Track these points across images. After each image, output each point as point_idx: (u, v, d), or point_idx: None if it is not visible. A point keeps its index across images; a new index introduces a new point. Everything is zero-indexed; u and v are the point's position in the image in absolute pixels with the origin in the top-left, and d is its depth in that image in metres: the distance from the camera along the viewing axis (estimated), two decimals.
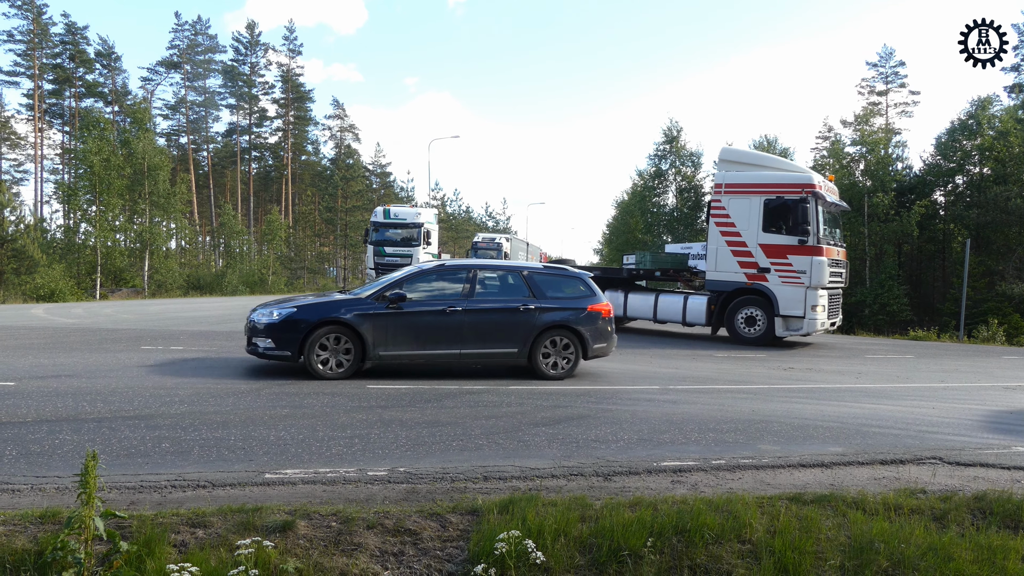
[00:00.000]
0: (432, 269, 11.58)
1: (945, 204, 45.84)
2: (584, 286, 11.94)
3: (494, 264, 12.18)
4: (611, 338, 12.10)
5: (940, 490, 6.24)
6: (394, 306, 10.72)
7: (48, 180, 64.31)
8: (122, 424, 7.48)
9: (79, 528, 4.07)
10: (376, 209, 38.56)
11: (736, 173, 18.97)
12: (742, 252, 18.49)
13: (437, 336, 10.90)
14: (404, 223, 36.57)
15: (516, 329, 11.21)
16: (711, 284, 19.13)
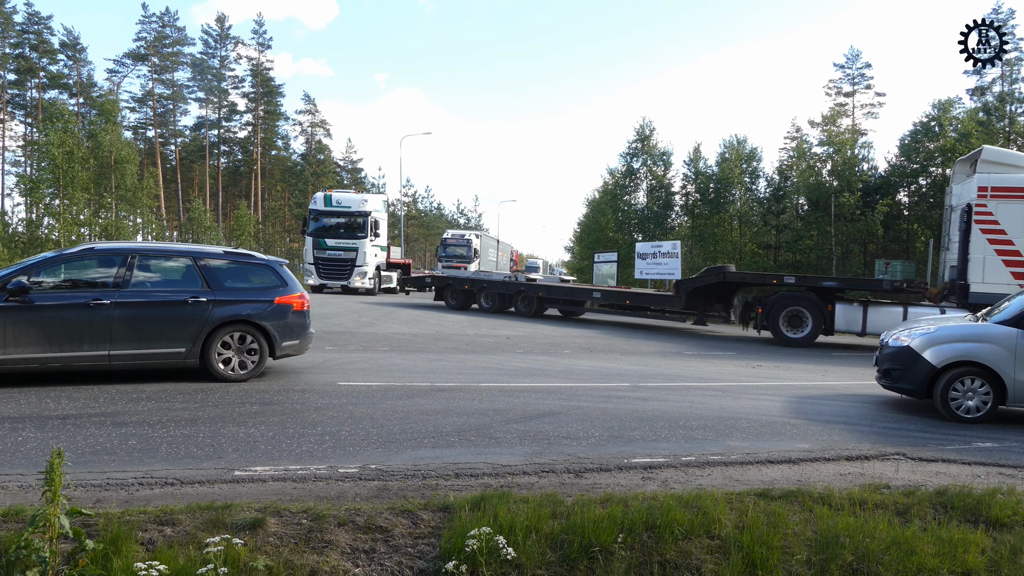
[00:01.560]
0: (76, 253, 9.59)
1: (909, 204, 46.64)
2: (274, 275, 10.49)
3: (159, 248, 10.13)
4: (306, 334, 10.74)
5: (903, 485, 6.37)
6: (16, 298, 8.72)
7: (10, 172, 62.94)
8: (87, 421, 7.36)
9: (44, 526, 4.00)
10: (315, 195, 34.48)
11: (1005, 175, 17.37)
12: (1016, 262, 16.99)
13: (77, 335, 9.02)
14: (348, 211, 32.56)
15: (183, 325, 9.58)
16: (977, 297, 17.04)
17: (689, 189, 50.72)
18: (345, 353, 13.34)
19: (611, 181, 53.82)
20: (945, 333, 9.61)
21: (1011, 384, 9.09)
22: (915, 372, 9.48)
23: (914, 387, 9.56)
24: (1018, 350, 9.09)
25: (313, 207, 33.22)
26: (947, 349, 9.36)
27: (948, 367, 9.30)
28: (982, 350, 9.24)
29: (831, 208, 42.08)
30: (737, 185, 47.67)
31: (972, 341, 9.40)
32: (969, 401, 9.29)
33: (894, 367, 9.80)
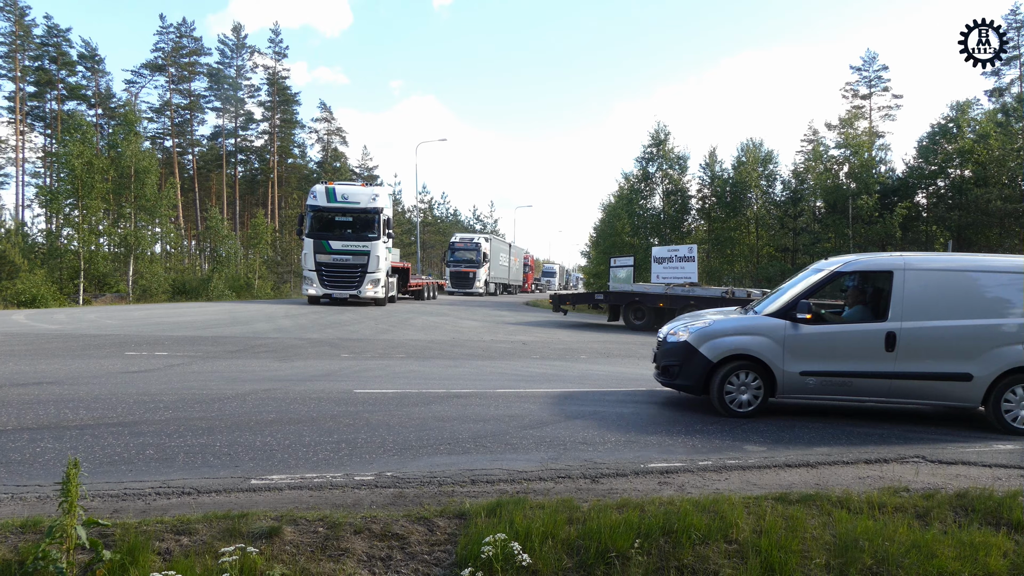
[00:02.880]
0: None
1: (927, 206, 46.20)
2: None
3: None
4: None
5: (923, 488, 6.29)
6: None
7: (30, 184, 63.78)
8: (105, 431, 7.42)
9: (61, 537, 4.03)
10: (314, 189, 28.70)
11: None
12: None
13: None
14: (356, 208, 27.75)
15: None
16: None
17: (705, 193, 50.54)
18: (361, 360, 13.37)
19: (627, 185, 53.71)
20: (720, 327, 9.45)
21: (780, 376, 9.05)
22: (692, 368, 9.27)
23: (692, 383, 9.35)
24: (787, 341, 9.06)
25: (312, 203, 27.84)
26: (722, 343, 9.22)
27: (724, 361, 9.17)
28: (754, 343, 9.16)
29: (848, 210, 41.77)
30: (754, 188, 47.42)
31: (745, 334, 9.30)
32: (742, 395, 9.19)
33: (672, 363, 9.56)
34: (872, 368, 8.95)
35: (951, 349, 8.93)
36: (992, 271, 9.20)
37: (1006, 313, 8.93)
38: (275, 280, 57.63)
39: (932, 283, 9.13)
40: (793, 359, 9.02)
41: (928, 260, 9.55)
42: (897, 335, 8.88)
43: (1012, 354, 8.82)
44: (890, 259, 9.44)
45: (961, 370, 8.85)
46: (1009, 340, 8.85)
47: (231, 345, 14.88)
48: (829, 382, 9.04)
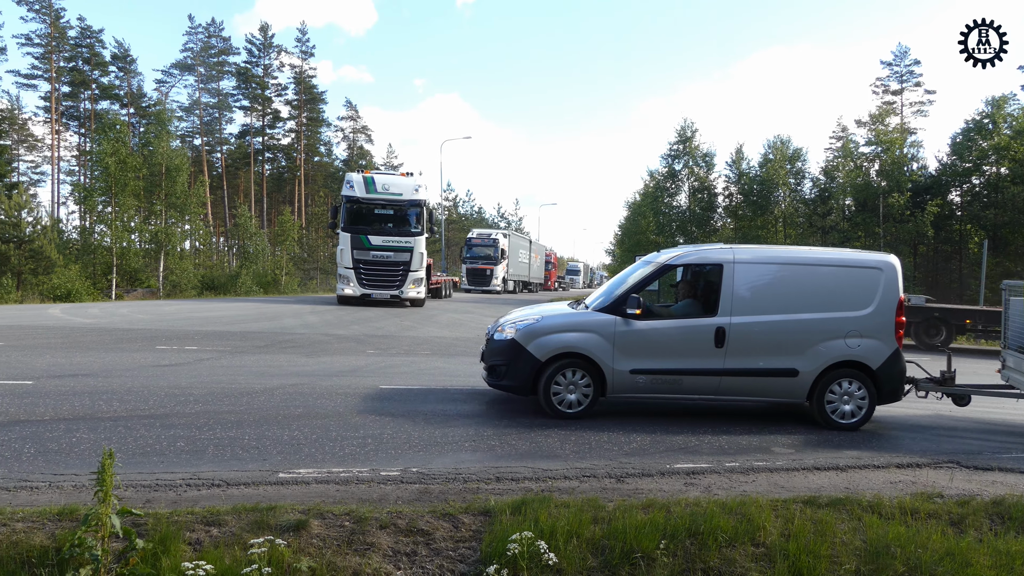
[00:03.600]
0: None
1: (961, 204, 45.47)
2: None
3: None
4: None
5: (957, 494, 6.18)
6: None
7: (64, 182, 64.91)
8: (138, 423, 7.53)
9: (96, 525, 4.10)
10: (350, 177, 25.60)
11: None
12: None
13: None
14: (398, 200, 25.05)
15: None
16: None
17: (732, 190, 50.15)
18: (387, 357, 13.45)
19: (652, 183, 53.47)
20: (548, 323, 8.87)
21: (610, 374, 8.59)
22: (520, 367, 8.66)
23: (519, 383, 8.72)
24: (617, 338, 8.61)
25: (348, 193, 24.88)
26: (550, 341, 8.66)
27: (552, 360, 8.62)
28: (583, 340, 8.64)
29: (879, 209, 41.20)
30: (781, 186, 46.96)
31: (574, 331, 8.75)
32: (570, 395, 8.66)
33: (498, 363, 8.90)
34: (702, 365, 8.65)
35: (779, 345, 8.73)
36: (819, 264, 9.05)
37: (831, 307, 8.80)
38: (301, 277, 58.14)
39: (761, 277, 8.90)
40: (623, 357, 8.59)
41: (757, 253, 9.22)
42: (727, 331, 8.62)
43: (836, 348, 8.70)
44: (720, 252, 9.08)
45: (788, 366, 8.68)
46: (833, 334, 8.73)
47: (259, 340, 15.03)
48: (659, 380, 8.65)
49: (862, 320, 8.77)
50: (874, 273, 8.95)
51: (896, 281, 8.95)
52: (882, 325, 8.79)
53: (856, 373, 8.76)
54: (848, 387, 8.78)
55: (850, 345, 8.72)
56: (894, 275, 8.97)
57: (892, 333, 8.83)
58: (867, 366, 8.73)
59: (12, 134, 60.37)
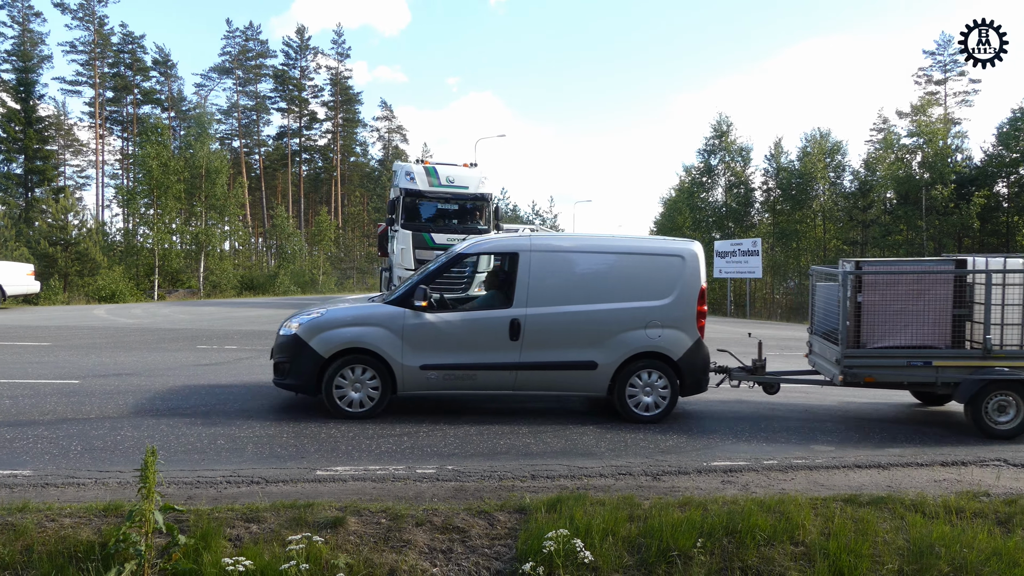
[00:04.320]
0: None
1: (1008, 195, 44.24)
2: None
3: None
4: None
5: (1005, 493, 6.03)
6: None
7: (108, 185, 66.38)
8: (180, 421, 7.69)
9: (140, 521, 4.20)
10: (409, 168, 22.74)
11: None
12: None
13: None
14: (464, 194, 22.50)
15: None
16: None
17: (770, 185, 49.47)
18: None
19: (687, 179, 52.98)
20: (333, 316, 8.33)
21: (399, 371, 8.10)
22: (303, 365, 8.09)
23: (303, 382, 8.15)
24: (405, 332, 8.12)
25: (409, 186, 21.97)
26: (335, 336, 8.11)
27: (336, 355, 8.08)
28: (370, 334, 8.13)
29: (922, 201, 40.32)
30: (821, 180, 46.19)
31: (361, 325, 8.22)
32: (354, 393, 8.13)
33: (282, 360, 8.31)
34: (497, 359, 8.23)
35: (577, 337, 8.33)
36: (618, 252, 8.68)
37: (631, 296, 8.45)
38: (338, 276, 58.73)
39: (558, 266, 8.49)
40: (412, 351, 8.12)
41: (554, 241, 8.92)
42: (522, 323, 8.22)
43: (636, 339, 8.36)
44: (516, 240, 8.72)
45: (586, 358, 8.29)
46: (633, 325, 8.37)
47: None
48: (452, 375, 8.21)
49: (663, 310, 8.43)
50: (675, 262, 8.60)
51: (698, 269, 8.61)
52: (683, 315, 8.47)
53: (658, 364, 8.42)
54: (650, 378, 8.43)
55: (651, 336, 8.37)
56: (696, 263, 8.62)
57: (694, 323, 8.51)
58: (669, 357, 8.40)
59: (58, 139, 61.90)
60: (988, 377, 7.99)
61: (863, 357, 8.24)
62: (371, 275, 67.42)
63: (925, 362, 8.13)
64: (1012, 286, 8.11)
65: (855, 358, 8.24)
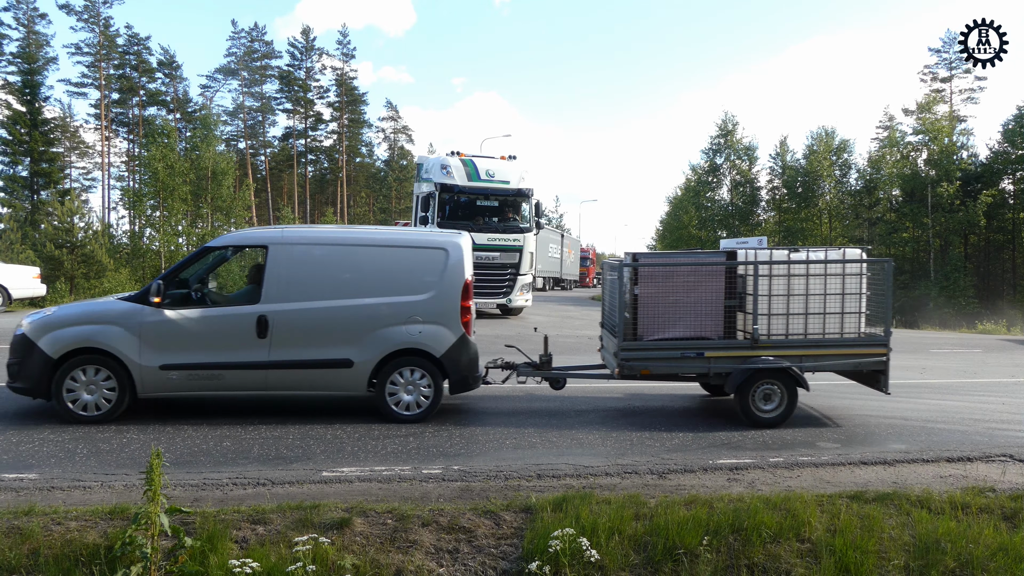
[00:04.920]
0: None
1: (1015, 192, 44.07)
2: None
3: None
4: None
5: (1010, 489, 6.01)
6: None
7: (114, 187, 66.60)
8: (185, 424, 7.71)
9: (146, 524, 4.22)
10: (444, 161, 20.49)
11: None
12: None
13: None
14: (506, 188, 20.49)
15: None
16: None
17: (776, 183, 49.37)
18: None
19: (693, 177, 52.91)
20: (62, 315, 7.85)
21: (137, 371, 7.61)
22: (32, 366, 7.55)
23: (33, 385, 7.59)
24: (143, 330, 7.65)
25: (445, 180, 20.04)
26: (64, 335, 7.58)
27: (66, 356, 7.56)
28: (102, 332, 7.61)
29: (928, 199, 40.18)
30: (826, 178, 46.07)
31: (93, 323, 7.69)
32: (88, 395, 7.62)
33: (12, 361, 7.76)
34: (245, 358, 7.82)
35: (330, 333, 8.01)
36: (376, 245, 8.43)
37: (390, 291, 8.14)
38: None
39: (312, 260, 8.16)
40: (151, 351, 7.65)
41: (307, 234, 8.64)
42: (269, 319, 7.84)
43: (395, 335, 8.04)
44: (266, 233, 8.44)
45: (341, 356, 7.96)
46: (392, 320, 8.06)
47: None
48: (196, 376, 7.77)
49: (424, 304, 8.12)
50: (437, 255, 8.28)
51: (462, 262, 8.29)
52: (446, 310, 8.16)
53: (420, 361, 8.11)
54: (412, 376, 8.11)
55: (411, 331, 8.06)
56: (460, 256, 8.30)
57: (458, 318, 8.18)
58: (431, 353, 8.09)
59: (64, 141, 62.17)
60: (754, 366, 8.06)
61: (639, 349, 8.18)
62: None
63: (698, 353, 8.15)
64: (778, 277, 8.24)
65: (631, 350, 8.17)
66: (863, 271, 8.47)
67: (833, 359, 8.37)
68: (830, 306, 8.35)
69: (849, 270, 8.39)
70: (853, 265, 8.43)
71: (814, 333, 8.33)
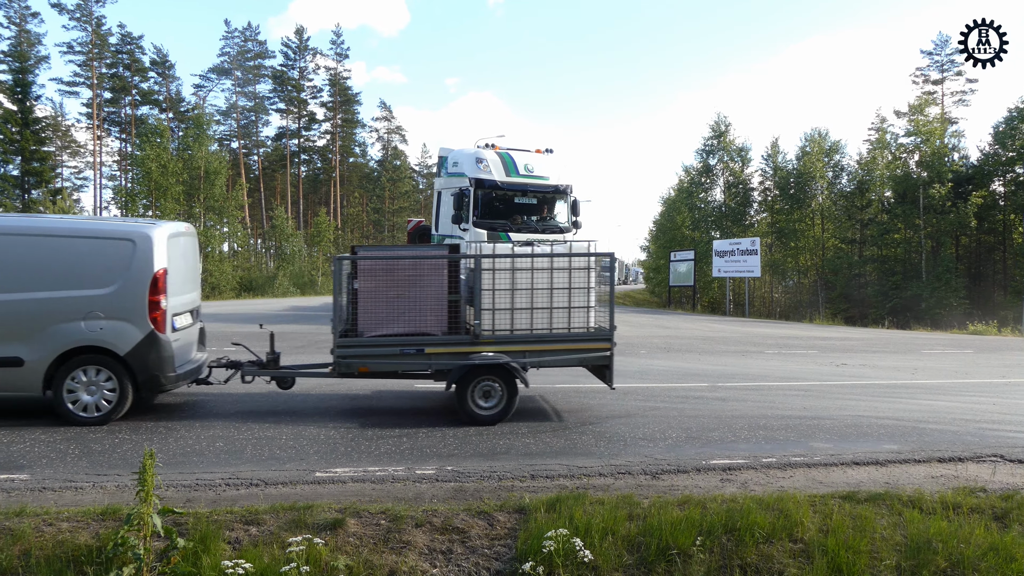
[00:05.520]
0: None
1: (1005, 194, 44.29)
2: None
3: None
4: None
5: (1001, 488, 6.04)
6: None
7: (107, 186, 66.33)
8: (178, 424, 7.69)
9: (138, 525, 4.20)
10: (476, 154, 18.42)
11: None
12: None
13: None
14: (545, 185, 18.46)
15: None
16: None
17: (768, 184, 49.52)
18: None
19: (687, 179, 53.01)
20: None
21: None
22: None
23: None
24: None
25: (482, 175, 17.95)
26: None
27: None
28: None
29: (919, 200, 40.34)
30: (819, 179, 46.22)
31: None
32: None
33: None
34: None
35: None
36: (51, 235, 7.79)
37: (66, 284, 7.59)
38: None
39: None
40: None
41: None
42: None
43: (72, 332, 7.52)
44: None
45: (10, 354, 7.41)
46: (68, 316, 7.53)
47: (297, 341, 15.22)
48: None
49: (106, 299, 7.60)
50: (124, 246, 7.71)
51: (151, 254, 7.71)
52: (132, 305, 7.63)
53: (103, 359, 7.60)
54: (94, 376, 7.62)
55: (90, 328, 7.53)
56: (149, 247, 7.72)
57: (146, 314, 7.63)
58: (114, 352, 7.58)
59: (55, 140, 61.91)
60: (471, 363, 7.88)
61: (356, 346, 7.95)
62: None
63: (418, 350, 7.94)
64: (502, 271, 8.07)
65: (348, 347, 7.93)
66: (590, 265, 8.30)
67: (557, 354, 8.24)
68: (557, 301, 8.17)
69: (576, 264, 8.22)
70: (580, 259, 8.29)
71: (541, 328, 8.19)
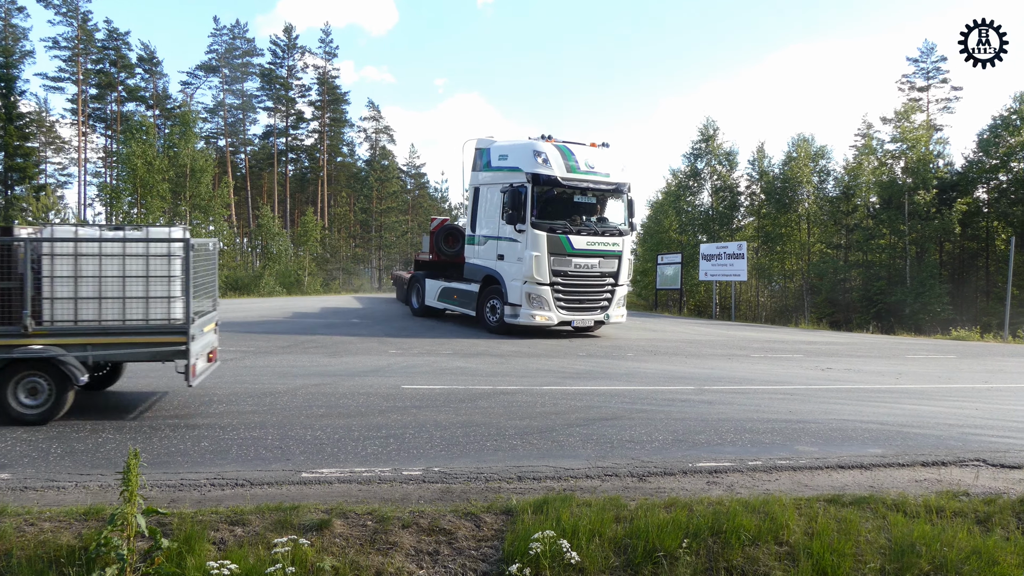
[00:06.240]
0: None
1: (988, 201, 44.77)
2: None
3: None
4: None
5: (983, 492, 6.10)
6: None
7: (91, 183, 65.79)
8: (162, 423, 7.63)
9: (122, 525, 4.17)
10: (533, 146, 16.89)
11: None
12: None
13: None
14: (606, 183, 17.23)
15: None
16: None
17: (755, 189, 49.78)
18: (408, 357, 13.50)
19: (674, 182, 53.19)
20: None
21: None
22: None
23: None
24: None
25: (539, 170, 16.41)
26: None
27: None
28: None
29: (904, 206, 40.69)
30: (805, 184, 46.51)
31: None
32: None
33: None
34: None
35: None
36: None
37: None
38: (324, 277, 58.52)
39: None
40: None
41: None
42: None
43: None
44: None
45: None
46: None
47: (282, 341, 15.16)
48: None
49: None
50: None
51: None
52: None
53: None
54: None
55: None
56: None
57: None
58: None
59: (40, 136, 61.34)
60: (10, 356, 7.22)
61: None
62: (356, 276, 67.18)
63: None
64: (63, 256, 7.48)
65: None
66: (171, 251, 7.74)
67: (125, 348, 7.63)
68: (132, 290, 7.62)
69: (154, 250, 7.70)
70: (158, 245, 7.80)
71: (112, 320, 7.60)
